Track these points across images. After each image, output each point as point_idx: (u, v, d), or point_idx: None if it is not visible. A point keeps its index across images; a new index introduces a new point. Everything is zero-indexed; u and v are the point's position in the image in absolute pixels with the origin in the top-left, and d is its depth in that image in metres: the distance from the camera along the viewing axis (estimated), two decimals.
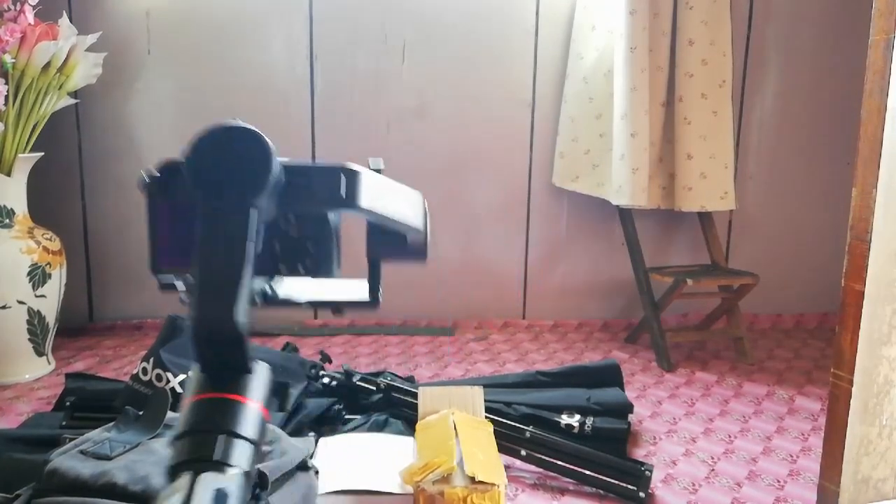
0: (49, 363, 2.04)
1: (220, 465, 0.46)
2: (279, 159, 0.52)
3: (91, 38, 2.01)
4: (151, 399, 1.45)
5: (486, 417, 1.50)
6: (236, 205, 0.48)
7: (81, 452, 1.08)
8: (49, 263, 1.96)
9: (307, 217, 0.56)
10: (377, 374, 1.75)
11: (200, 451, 0.47)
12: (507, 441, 1.48)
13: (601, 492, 1.41)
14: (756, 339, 2.47)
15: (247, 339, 0.51)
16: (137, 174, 2.12)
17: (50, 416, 1.67)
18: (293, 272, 0.58)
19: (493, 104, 2.46)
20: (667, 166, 2.33)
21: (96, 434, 1.12)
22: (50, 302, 1.98)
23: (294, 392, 1.62)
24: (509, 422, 1.52)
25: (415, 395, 1.60)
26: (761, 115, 2.58)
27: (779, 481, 1.50)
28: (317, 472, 1.32)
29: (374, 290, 0.62)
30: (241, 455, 0.47)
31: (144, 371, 1.58)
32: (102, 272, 2.41)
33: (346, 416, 1.63)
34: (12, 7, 1.87)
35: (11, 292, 1.90)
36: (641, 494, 1.38)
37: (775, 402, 1.93)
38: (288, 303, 0.62)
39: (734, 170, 2.32)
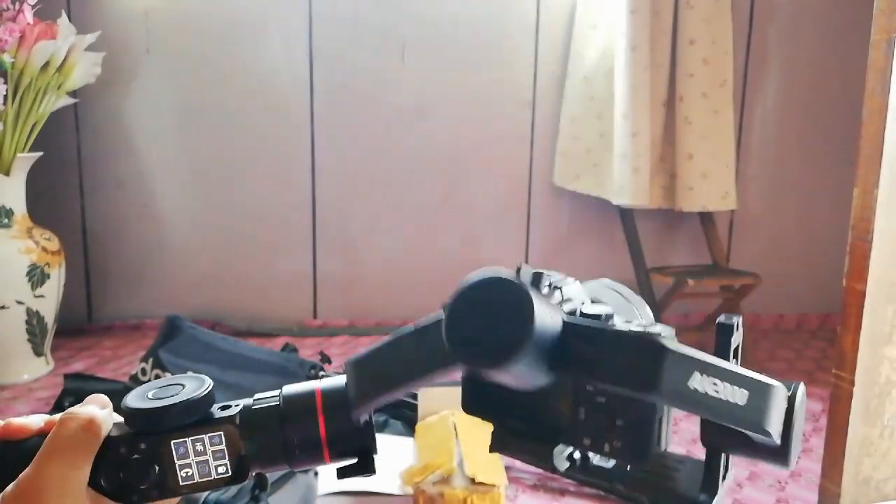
0: (48, 363, 2.04)
1: None
2: (568, 318, 0.44)
3: (90, 38, 2.00)
4: None
5: None
6: (487, 367, 0.42)
7: None
8: (48, 263, 1.95)
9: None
10: None
11: None
12: None
13: (601, 493, 1.40)
14: (758, 340, 2.46)
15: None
16: (135, 174, 2.10)
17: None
18: (598, 450, 0.48)
19: (494, 103, 2.45)
20: (668, 166, 2.32)
21: None
22: (48, 302, 1.98)
23: None
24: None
25: (414, 396, 1.59)
26: (763, 115, 2.57)
27: (780, 482, 1.49)
28: (316, 474, 1.32)
29: (709, 483, 0.48)
30: None
31: (143, 371, 1.57)
32: (101, 272, 2.41)
33: None
34: (11, 6, 1.87)
35: (10, 292, 1.89)
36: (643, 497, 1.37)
37: None
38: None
39: (735, 169, 2.32)
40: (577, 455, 0.50)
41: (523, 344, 0.39)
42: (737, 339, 0.46)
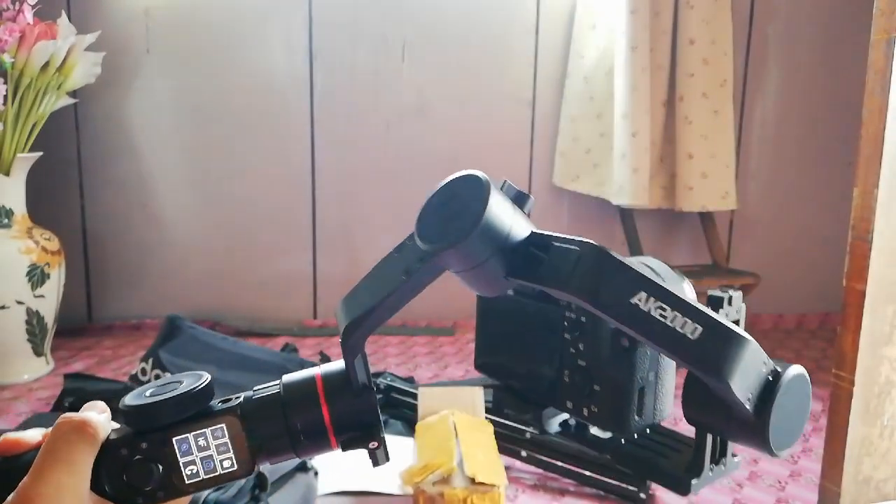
0: (48, 363, 2.04)
1: None
2: (532, 228, 0.44)
3: (90, 38, 2.00)
4: None
5: (486, 418, 1.50)
6: (442, 246, 0.43)
7: None
8: (48, 263, 1.96)
9: (600, 351, 0.46)
10: (377, 375, 1.74)
11: None
12: (507, 442, 1.47)
13: (601, 493, 1.40)
14: (758, 340, 2.45)
15: (352, 358, 0.47)
16: (135, 174, 2.11)
17: (49, 417, 1.66)
18: (578, 414, 0.49)
19: (494, 103, 2.45)
20: (668, 166, 2.32)
21: None
22: (48, 302, 1.98)
23: None
24: (509, 422, 1.51)
25: (414, 396, 1.59)
26: (762, 115, 2.57)
27: (780, 482, 1.49)
28: (316, 473, 1.32)
29: (694, 464, 0.46)
30: None
31: (143, 371, 1.57)
32: (101, 272, 2.41)
33: None
34: (11, 6, 1.87)
35: (10, 292, 1.89)
36: (642, 495, 1.37)
37: None
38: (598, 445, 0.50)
39: (735, 169, 2.32)
40: (572, 423, 0.51)
41: (474, 222, 0.40)
42: (731, 313, 0.45)
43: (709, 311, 0.39)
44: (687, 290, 0.47)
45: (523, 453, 1.47)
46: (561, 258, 0.42)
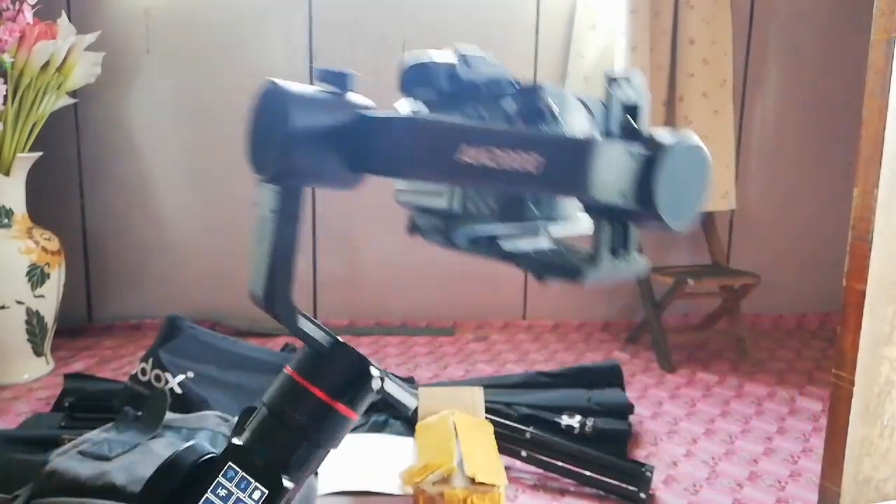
0: (48, 363, 2.04)
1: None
2: (364, 113, 0.43)
3: (90, 38, 2.00)
4: (150, 400, 1.44)
5: (486, 418, 1.50)
6: (266, 174, 0.42)
7: (80, 453, 1.07)
8: (48, 263, 1.95)
9: None
10: None
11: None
12: (507, 442, 1.47)
13: (602, 493, 1.41)
14: (757, 340, 2.46)
15: (282, 310, 0.47)
16: (135, 174, 2.10)
17: (49, 417, 1.66)
18: (481, 214, 0.48)
19: None
20: None
21: (95, 434, 1.12)
22: (48, 302, 1.98)
23: None
24: (509, 422, 1.51)
25: (415, 396, 1.59)
26: (762, 115, 2.57)
27: (780, 482, 1.49)
28: (316, 473, 1.32)
29: (594, 254, 0.42)
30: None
31: (143, 371, 1.57)
32: (101, 272, 2.41)
33: None
34: (11, 6, 1.87)
35: (10, 292, 1.89)
36: (642, 495, 1.37)
37: (776, 403, 1.92)
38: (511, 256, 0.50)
39: (735, 169, 2.32)
40: (483, 238, 0.50)
41: (284, 137, 0.39)
42: (630, 95, 0.40)
43: (545, 131, 0.36)
44: (579, 118, 0.44)
45: (523, 453, 1.47)
46: (383, 142, 0.41)
